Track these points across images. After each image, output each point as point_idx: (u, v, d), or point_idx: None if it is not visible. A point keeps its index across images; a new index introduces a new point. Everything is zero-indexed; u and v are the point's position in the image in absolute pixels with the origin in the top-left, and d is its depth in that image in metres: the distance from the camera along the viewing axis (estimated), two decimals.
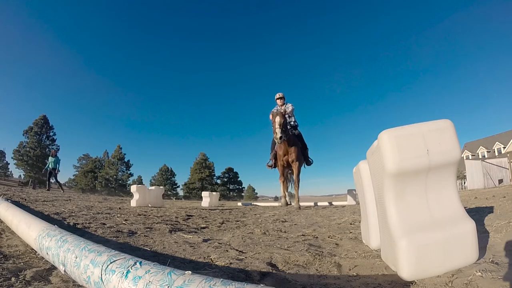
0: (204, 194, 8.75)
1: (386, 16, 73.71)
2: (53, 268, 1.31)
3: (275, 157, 6.62)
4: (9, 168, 39.53)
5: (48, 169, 10.96)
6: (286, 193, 7.08)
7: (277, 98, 6.74)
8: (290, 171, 6.98)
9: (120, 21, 68.74)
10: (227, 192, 40.87)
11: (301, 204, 8.50)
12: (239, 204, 11.43)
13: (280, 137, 5.56)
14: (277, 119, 5.61)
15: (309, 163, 7.06)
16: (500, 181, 15.38)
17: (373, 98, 72.66)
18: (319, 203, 8.85)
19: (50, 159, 11.04)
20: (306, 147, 6.98)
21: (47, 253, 1.26)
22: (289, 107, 6.57)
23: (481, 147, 34.10)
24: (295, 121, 6.88)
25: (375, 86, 71.18)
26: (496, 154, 30.79)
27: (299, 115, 7.12)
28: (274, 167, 6.93)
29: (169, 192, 37.52)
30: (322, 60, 78.05)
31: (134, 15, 69.91)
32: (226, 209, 6.44)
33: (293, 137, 6.33)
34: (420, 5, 67.93)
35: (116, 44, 69.50)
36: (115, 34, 68.50)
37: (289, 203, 7.12)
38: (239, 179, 42.82)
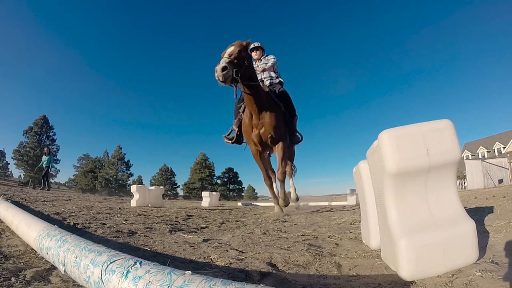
0: (204, 194, 8.78)
1: (386, 15, 73.79)
2: (53, 268, 1.31)
3: (240, 128, 4.24)
4: (9, 168, 39.60)
5: (43, 167, 10.94)
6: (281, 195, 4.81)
7: (252, 49, 4.40)
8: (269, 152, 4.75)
9: (120, 21, 68.82)
10: (227, 192, 40.84)
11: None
12: (239, 204, 11.45)
13: (224, 69, 3.11)
14: (229, 49, 3.46)
15: (296, 140, 4.53)
16: (500, 181, 15.39)
17: (373, 97, 72.73)
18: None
19: (44, 157, 11.01)
20: (294, 113, 4.45)
21: (47, 253, 1.26)
22: (270, 60, 4.50)
23: (481, 147, 34.12)
24: (279, 77, 4.63)
25: (375, 86, 71.26)
26: (496, 154, 30.82)
27: (299, 113, 5.04)
28: (238, 142, 4.44)
29: (169, 192, 37.51)
30: (322, 59, 78.18)
31: (134, 15, 69.96)
32: (226, 209, 6.45)
33: (269, 93, 4.05)
34: (419, 4, 67.99)
35: (116, 44, 69.59)
36: (115, 34, 68.62)
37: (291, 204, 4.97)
38: (239, 179, 42.83)
